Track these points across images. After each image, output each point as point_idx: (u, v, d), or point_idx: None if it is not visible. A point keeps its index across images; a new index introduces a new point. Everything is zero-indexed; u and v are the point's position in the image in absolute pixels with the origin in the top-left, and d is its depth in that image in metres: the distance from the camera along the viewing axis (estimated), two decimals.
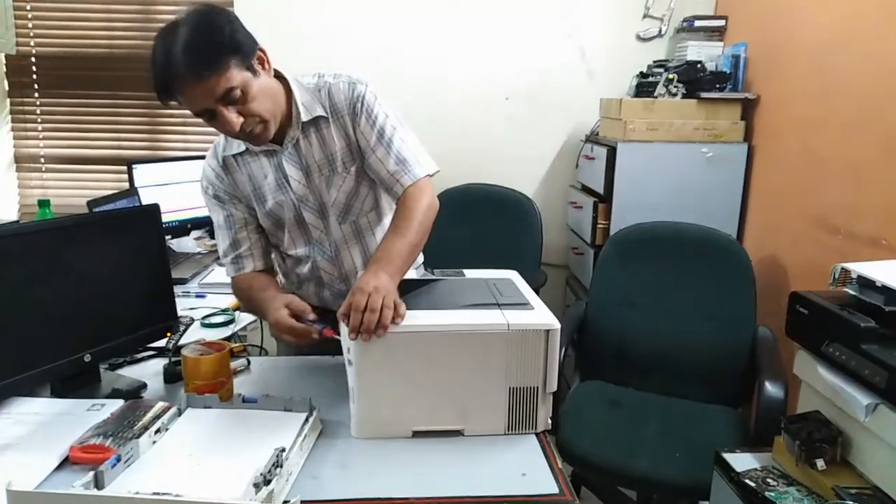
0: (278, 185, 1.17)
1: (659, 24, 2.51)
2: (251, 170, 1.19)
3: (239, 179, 1.20)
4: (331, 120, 1.15)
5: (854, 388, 1.05)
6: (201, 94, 0.98)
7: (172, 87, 0.98)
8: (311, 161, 1.16)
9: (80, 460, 0.86)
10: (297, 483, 0.83)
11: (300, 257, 1.24)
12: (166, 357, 1.18)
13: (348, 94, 1.15)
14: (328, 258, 1.23)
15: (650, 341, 1.77)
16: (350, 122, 1.16)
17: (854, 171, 1.67)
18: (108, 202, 1.81)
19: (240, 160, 1.19)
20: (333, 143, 1.16)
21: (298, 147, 1.16)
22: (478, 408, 0.95)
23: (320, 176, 1.17)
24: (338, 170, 1.17)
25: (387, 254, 1.04)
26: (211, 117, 1.02)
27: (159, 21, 2.55)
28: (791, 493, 1.09)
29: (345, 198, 1.19)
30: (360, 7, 2.50)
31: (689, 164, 2.16)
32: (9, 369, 0.96)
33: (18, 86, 2.57)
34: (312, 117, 1.14)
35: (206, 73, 0.96)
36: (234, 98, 1.00)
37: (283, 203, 1.18)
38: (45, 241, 1.02)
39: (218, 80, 0.98)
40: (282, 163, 1.16)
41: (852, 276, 1.14)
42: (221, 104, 1.00)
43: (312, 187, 1.18)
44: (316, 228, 1.21)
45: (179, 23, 1.00)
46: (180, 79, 0.96)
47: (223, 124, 1.02)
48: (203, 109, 1.00)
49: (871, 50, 1.63)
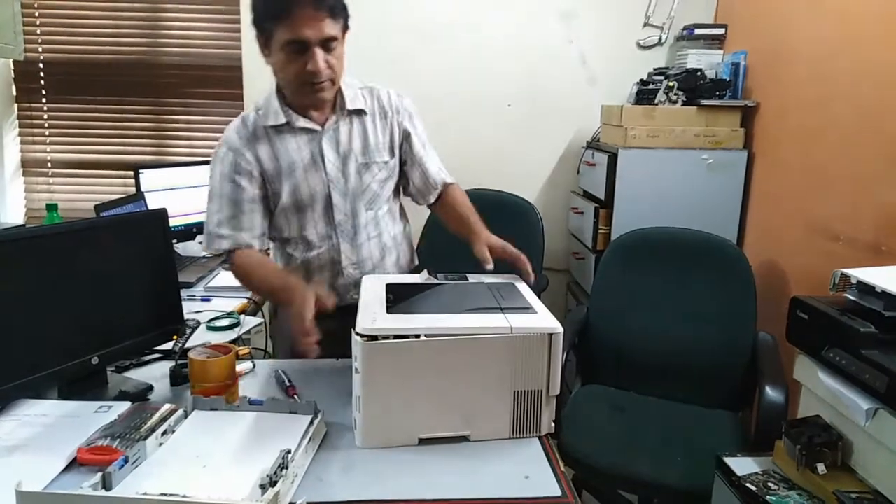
0: (313, 164, 1.23)
1: (659, 32, 2.53)
2: (285, 144, 1.22)
3: (263, 153, 1.22)
4: (374, 117, 1.27)
5: (854, 393, 1.06)
6: (311, 25, 1.08)
7: (289, 5, 1.06)
8: (349, 147, 1.25)
9: (87, 462, 0.87)
10: (302, 484, 0.84)
11: (318, 241, 1.26)
12: (173, 360, 1.19)
13: (397, 102, 1.30)
14: (349, 241, 1.27)
15: (651, 346, 1.78)
16: (397, 124, 1.29)
17: (853, 177, 1.68)
18: (115, 206, 1.82)
19: (273, 133, 1.22)
20: (374, 137, 1.26)
21: (338, 131, 1.24)
22: (483, 412, 0.96)
23: (356, 163, 1.25)
24: (375, 159, 1.26)
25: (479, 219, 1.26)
26: (299, 50, 1.10)
27: (166, 27, 2.58)
28: (792, 497, 1.09)
29: (377, 186, 1.28)
30: (361, 14, 2.52)
31: (690, 171, 2.18)
32: (17, 371, 0.97)
33: (26, 91, 2.60)
34: (356, 108, 1.25)
35: (324, 12, 1.09)
36: (329, 47, 1.12)
37: (314, 183, 1.23)
38: (54, 245, 1.04)
39: (330, 24, 1.11)
40: (321, 143, 1.22)
41: (852, 282, 1.15)
42: (318, 45, 1.10)
43: (346, 171, 1.25)
44: (341, 211, 1.26)
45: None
46: (303, 8, 1.07)
47: (312, 61, 1.11)
48: (301, 39, 1.09)
49: (869, 57, 1.64)
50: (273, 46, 1.13)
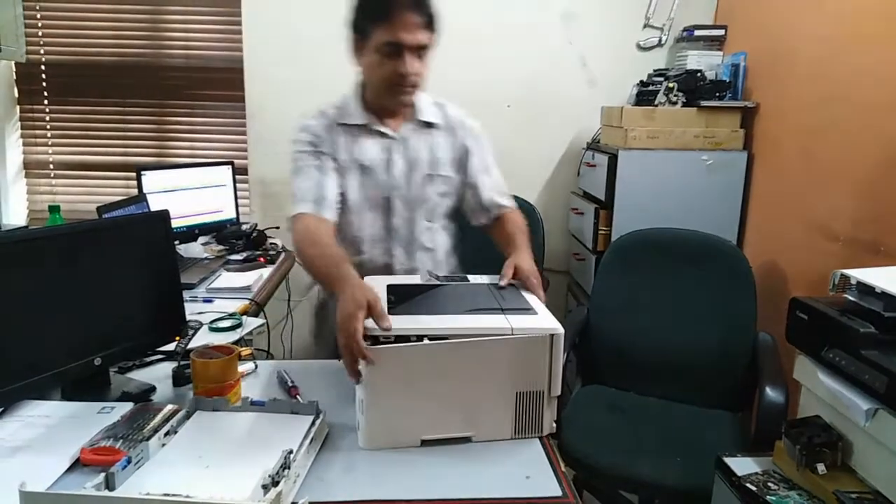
0: (382, 168, 1.27)
1: (659, 34, 2.54)
2: (360, 144, 1.27)
3: (340, 145, 1.26)
4: (443, 131, 1.31)
5: (854, 394, 1.06)
6: (409, 30, 1.15)
7: (393, 10, 1.13)
8: (417, 157, 1.29)
9: (90, 462, 0.88)
10: (304, 485, 0.85)
11: (372, 243, 1.29)
12: (175, 361, 1.19)
13: (463, 119, 1.35)
14: (403, 247, 1.30)
15: (651, 346, 1.78)
16: (463, 140, 1.33)
17: (853, 178, 1.68)
18: (117, 208, 1.83)
19: (348, 131, 1.26)
20: (442, 149, 1.31)
21: (409, 140, 1.29)
22: (485, 413, 0.96)
23: (422, 173, 1.29)
24: (440, 172, 1.30)
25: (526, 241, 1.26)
26: (393, 53, 1.16)
27: (167, 29, 2.58)
28: (792, 497, 1.10)
29: (438, 199, 1.32)
30: None
31: (690, 172, 2.18)
32: (20, 372, 0.97)
33: (28, 93, 2.61)
34: (428, 120, 1.30)
35: (425, 20, 1.16)
36: (420, 54, 1.18)
37: (379, 185, 1.27)
38: (56, 247, 1.04)
39: (427, 32, 1.18)
40: (392, 149, 1.27)
41: (852, 283, 1.15)
42: (412, 50, 1.16)
43: (411, 180, 1.28)
44: (399, 217, 1.28)
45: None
46: (407, 8, 1.13)
47: (406, 64, 1.17)
48: (398, 42, 1.15)
49: (869, 58, 1.65)
50: (368, 47, 1.19)
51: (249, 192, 2.64)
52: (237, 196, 2.46)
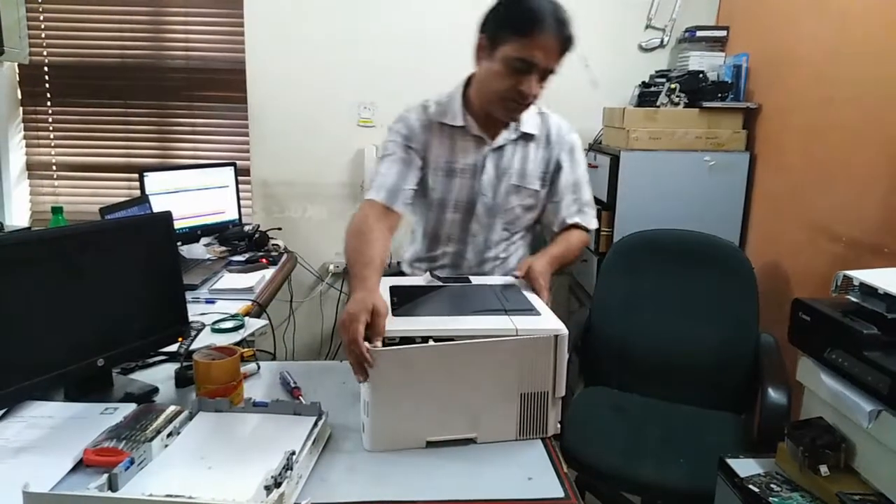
0: (471, 172, 1.27)
1: (661, 35, 2.54)
2: (454, 145, 1.27)
3: (433, 143, 1.26)
4: (539, 143, 1.30)
5: (857, 395, 1.06)
6: (547, 54, 1.13)
7: (537, 28, 1.11)
8: (509, 166, 1.28)
9: (93, 463, 0.88)
10: (306, 486, 0.85)
11: (447, 242, 1.31)
12: (178, 362, 1.19)
13: (565, 133, 1.32)
14: (476, 252, 1.30)
15: (654, 347, 1.78)
16: (557, 155, 1.31)
17: (855, 178, 1.68)
18: (119, 209, 1.83)
19: (445, 131, 1.26)
20: (533, 162, 1.29)
21: (504, 149, 1.28)
22: (489, 415, 0.96)
23: (509, 183, 1.28)
24: (527, 185, 1.30)
25: (558, 252, 1.24)
26: (521, 70, 1.14)
27: (170, 31, 2.59)
28: (795, 498, 1.09)
29: (520, 211, 1.31)
30: (360, 15, 2.54)
31: (692, 173, 2.18)
32: (23, 373, 0.98)
33: (31, 95, 2.62)
34: (528, 132, 1.28)
35: (562, 46, 1.15)
36: (545, 76, 1.16)
37: (465, 188, 1.27)
38: (59, 248, 1.04)
39: (559, 56, 1.16)
40: (486, 155, 1.27)
41: (855, 284, 1.15)
42: (539, 73, 1.14)
43: (498, 188, 1.28)
44: (479, 222, 1.29)
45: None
46: (550, 31, 1.11)
47: (528, 84, 1.15)
48: (531, 61, 1.13)
49: (871, 59, 1.65)
50: (496, 55, 1.16)
51: (252, 193, 2.65)
52: (239, 197, 2.46)
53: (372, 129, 2.60)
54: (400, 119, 1.29)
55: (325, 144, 2.61)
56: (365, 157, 2.58)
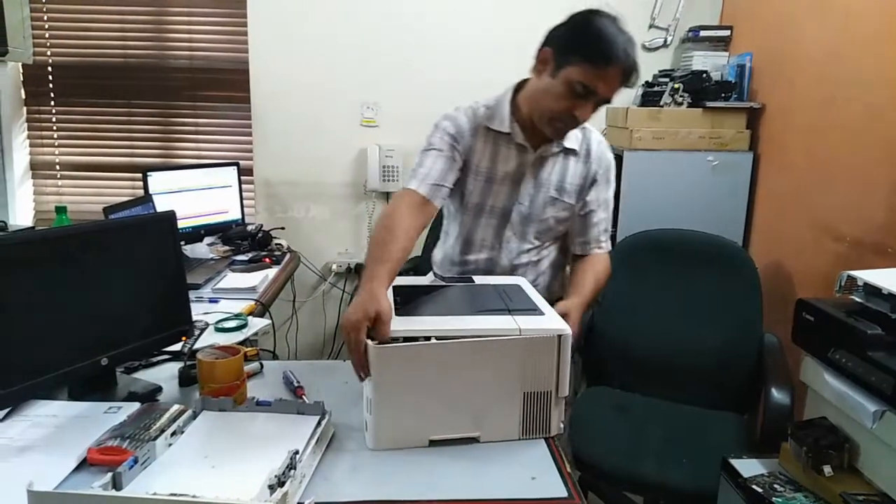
0: (511, 180, 1.27)
1: (664, 34, 2.53)
2: (498, 151, 1.26)
3: (477, 147, 1.26)
4: (579, 157, 1.29)
5: (861, 395, 1.06)
6: (610, 84, 1.13)
7: (607, 59, 1.10)
8: (547, 177, 1.28)
9: (97, 462, 0.88)
10: (310, 485, 0.85)
11: (480, 247, 1.31)
12: (181, 361, 1.20)
13: (604, 151, 1.31)
14: (509, 258, 1.30)
15: (657, 347, 1.78)
16: (594, 172, 1.30)
17: (859, 178, 1.68)
18: (123, 209, 1.83)
19: (490, 135, 1.26)
20: (571, 177, 1.29)
21: (545, 160, 1.27)
22: (493, 414, 0.96)
23: (547, 194, 1.28)
24: (564, 198, 1.29)
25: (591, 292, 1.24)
26: (581, 95, 1.13)
27: (173, 31, 2.60)
28: (798, 499, 1.09)
29: (554, 222, 1.31)
30: (359, 13, 2.54)
31: (695, 173, 2.17)
32: (27, 372, 0.98)
33: (35, 94, 2.62)
34: (570, 147, 1.27)
35: (625, 80, 1.14)
36: (600, 103, 1.17)
37: (503, 195, 1.27)
38: (63, 247, 1.05)
39: (619, 88, 1.15)
40: (526, 164, 1.26)
41: (858, 284, 1.15)
42: (594, 102, 1.15)
43: (535, 198, 1.28)
44: (513, 230, 1.29)
45: (622, 26, 1.16)
46: (618, 64, 1.11)
47: (583, 110, 1.15)
48: (593, 91, 1.12)
49: (874, 58, 1.64)
50: (560, 74, 1.14)
51: (255, 192, 2.65)
52: (242, 197, 2.46)
53: (375, 129, 2.60)
54: (449, 118, 1.28)
55: (328, 144, 2.61)
56: (368, 157, 2.58)
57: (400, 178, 2.57)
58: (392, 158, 2.56)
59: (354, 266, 2.69)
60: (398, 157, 2.56)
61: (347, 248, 2.71)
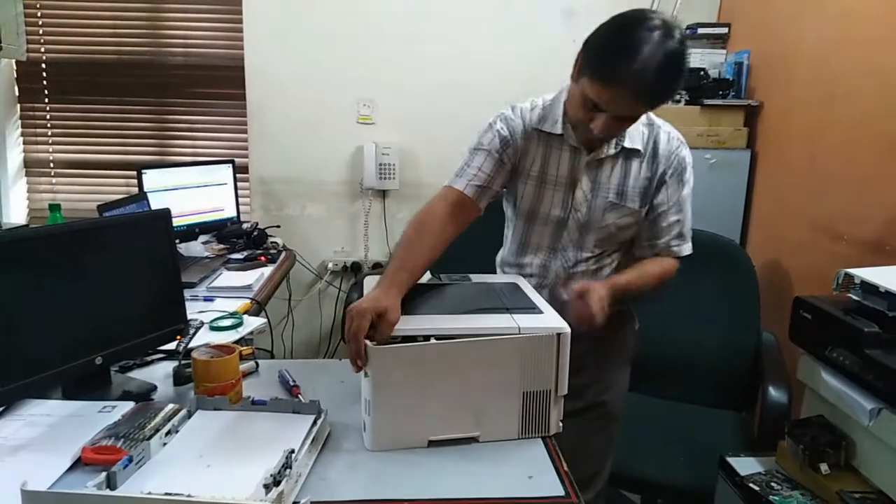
0: (566, 184, 1.19)
1: None
2: (550, 153, 1.19)
3: (530, 149, 1.19)
4: (644, 158, 1.18)
5: (858, 393, 1.06)
6: (616, 103, 1.01)
7: (610, 78, 0.99)
8: (606, 181, 1.18)
9: (92, 461, 0.87)
10: (306, 484, 0.84)
11: (535, 252, 1.24)
12: (176, 360, 1.19)
13: (674, 149, 1.18)
14: (564, 267, 1.22)
15: (655, 346, 1.77)
16: (662, 172, 1.18)
17: (857, 177, 1.68)
18: (117, 207, 1.82)
19: (543, 137, 1.19)
20: (634, 179, 1.18)
21: (603, 162, 1.17)
22: (492, 413, 0.95)
23: (606, 199, 1.18)
24: (626, 203, 1.18)
25: (621, 278, 1.15)
26: (593, 108, 1.04)
27: (168, 27, 2.58)
28: (795, 497, 1.09)
29: (615, 229, 1.20)
30: (359, 11, 2.53)
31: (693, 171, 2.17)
32: (21, 371, 0.97)
33: (28, 92, 2.60)
34: (634, 147, 1.16)
35: (643, 104, 1.04)
36: (624, 118, 1.06)
37: (558, 201, 1.19)
38: (57, 245, 1.04)
39: (638, 107, 1.04)
40: (581, 167, 1.17)
41: (856, 282, 1.15)
42: (609, 116, 1.03)
43: (593, 204, 1.18)
44: (569, 238, 1.21)
45: (667, 36, 0.98)
46: (624, 85, 0.98)
47: (597, 125, 1.05)
48: (597, 104, 1.03)
49: (873, 56, 1.64)
50: (578, 81, 1.07)
51: (250, 190, 2.64)
52: (238, 195, 2.45)
53: (371, 127, 2.59)
54: (503, 119, 1.20)
55: (324, 142, 2.60)
56: (364, 155, 2.57)
57: (397, 176, 2.56)
58: (388, 156, 2.55)
59: (350, 264, 2.69)
60: (394, 155, 2.55)
61: (343, 247, 2.70)
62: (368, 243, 2.68)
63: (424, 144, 2.59)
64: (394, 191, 2.62)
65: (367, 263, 2.69)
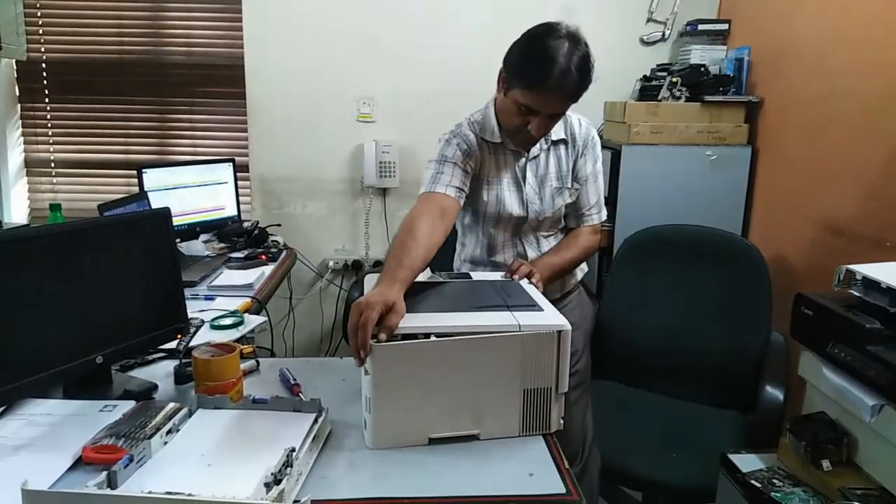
0: (515, 184, 1.34)
1: (662, 28, 2.52)
2: (497, 159, 1.34)
3: (483, 159, 1.33)
4: (567, 144, 1.36)
5: (859, 390, 1.05)
6: (549, 104, 1.18)
7: (542, 84, 1.15)
8: (546, 172, 1.35)
9: (93, 460, 0.88)
10: (307, 483, 0.84)
11: (503, 247, 1.38)
12: (177, 359, 1.19)
13: (585, 129, 1.37)
14: (535, 250, 1.38)
15: (661, 343, 1.78)
16: (581, 150, 1.37)
17: (858, 173, 1.67)
18: (118, 206, 1.82)
19: (489, 148, 1.33)
20: (566, 163, 1.36)
21: (539, 157, 1.35)
22: (492, 411, 0.95)
23: (551, 187, 1.35)
24: (567, 184, 1.36)
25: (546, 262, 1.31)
26: (527, 113, 1.20)
27: (168, 27, 2.58)
28: (797, 493, 1.09)
29: (560, 211, 1.38)
30: (357, 9, 2.52)
31: (694, 167, 2.17)
32: (22, 371, 0.97)
33: (29, 91, 2.60)
34: (559, 138, 1.34)
35: (571, 97, 1.18)
36: (554, 117, 1.23)
37: (513, 199, 1.33)
38: (58, 245, 1.04)
39: (567, 103, 1.20)
40: (525, 167, 1.34)
41: (857, 278, 1.14)
42: (544, 116, 1.20)
43: (543, 194, 1.35)
44: (530, 228, 1.37)
45: (575, 40, 1.18)
46: (553, 86, 1.15)
47: (534, 127, 1.21)
48: (534, 109, 1.19)
49: (874, 52, 1.63)
50: (509, 94, 1.22)
51: (251, 189, 2.64)
52: (238, 193, 2.45)
53: (371, 125, 2.59)
54: (458, 134, 1.33)
55: (324, 140, 2.60)
56: (364, 153, 2.57)
57: (397, 174, 2.56)
58: (389, 154, 2.55)
59: (351, 263, 2.69)
60: (395, 153, 2.55)
61: (344, 245, 2.70)
62: (369, 241, 2.68)
63: (424, 142, 2.59)
64: (394, 189, 2.62)
65: (368, 261, 2.69)
